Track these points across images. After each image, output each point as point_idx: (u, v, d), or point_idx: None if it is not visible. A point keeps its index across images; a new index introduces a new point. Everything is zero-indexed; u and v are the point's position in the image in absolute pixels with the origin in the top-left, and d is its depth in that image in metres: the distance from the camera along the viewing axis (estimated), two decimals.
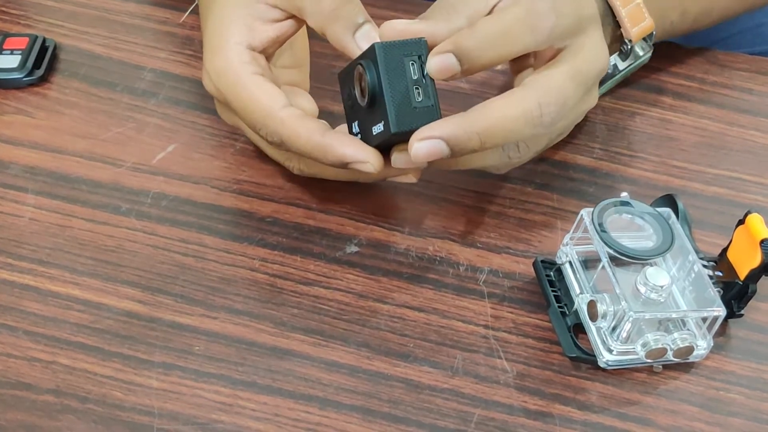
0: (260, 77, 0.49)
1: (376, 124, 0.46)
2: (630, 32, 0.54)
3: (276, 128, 0.47)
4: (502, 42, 0.46)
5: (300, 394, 0.44)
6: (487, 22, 0.46)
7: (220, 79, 0.49)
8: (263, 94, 0.48)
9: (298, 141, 0.47)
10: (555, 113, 0.47)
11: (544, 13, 0.46)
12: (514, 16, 0.46)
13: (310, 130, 0.47)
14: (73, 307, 0.47)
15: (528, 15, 0.46)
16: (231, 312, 0.47)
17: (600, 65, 0.49)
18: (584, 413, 0.44)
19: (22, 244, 0.49)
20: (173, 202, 0.51)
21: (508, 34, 0.46)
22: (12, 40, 0.58)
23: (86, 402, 0.43)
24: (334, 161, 0.47)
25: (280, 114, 0.48)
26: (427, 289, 0.49)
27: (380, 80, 0.45)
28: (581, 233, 0.47)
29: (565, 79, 0.47)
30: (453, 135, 0.45)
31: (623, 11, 0.53)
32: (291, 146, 0.48)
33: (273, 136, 0.48)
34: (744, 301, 0.47)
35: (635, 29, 0.54)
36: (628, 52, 0.55)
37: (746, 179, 0.55)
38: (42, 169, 0.52)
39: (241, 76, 0.48)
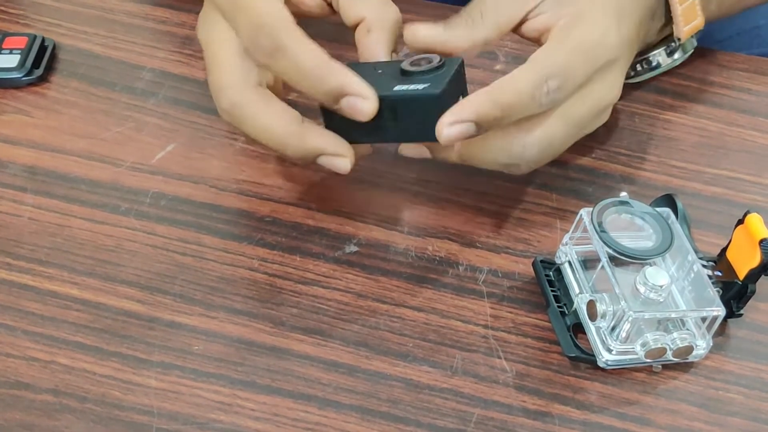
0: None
1: (411, 84, 0.45)
2: (681, 31, 0.54)
3: (279, 33, 0.45)
4: (514, 113, 0.46)
5: (299, 393, 0.44)
6: (505, 93, 0.45)
7: None
8: (279, 4, 0.46)
9: (298, 54, 0.45)
10: (536, 153, 0.48)
11: (554, 89, 0.46)
12: (527, 92, 0.46)
13: (315, 49, 0.45)
14: (72, 307, 0.46)
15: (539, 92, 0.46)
16: (230, 311, 0.47)
17: (605, 102, 0.49)
18: (583, 413, 0.44)
19: (21, 243, 0.49)
20: (172, 201, 0.51)
21: (520, 105, 0.46)
22: (11, 39, 0.58)
23: (85, 402, 0.43)
24: (332, 88, 0.45)
25: (292, 26, 0.45)
26: (427, 288, 0.49)
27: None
28: (580, 233, 0.47)
29: (558, 123, 0.47)
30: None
31: (680, 8, 0.53)
32: (286, 59, 0.45)
33: (271, 41, 0.45)
34: (743, 300, 0.47)
35: (687, 27, 0.54)
36: (675, 48, 0.55)
37: (745, 179, 0.55)
38: (41, 169, 0.52)
39: None
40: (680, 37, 0.54)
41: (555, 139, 0.48)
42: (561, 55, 0.47)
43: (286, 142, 0.46)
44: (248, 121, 0.47)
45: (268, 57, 0.45)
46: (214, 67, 0.48)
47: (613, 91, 0.50)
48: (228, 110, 0.47)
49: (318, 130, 0.47)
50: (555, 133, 0.48)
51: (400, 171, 0.53)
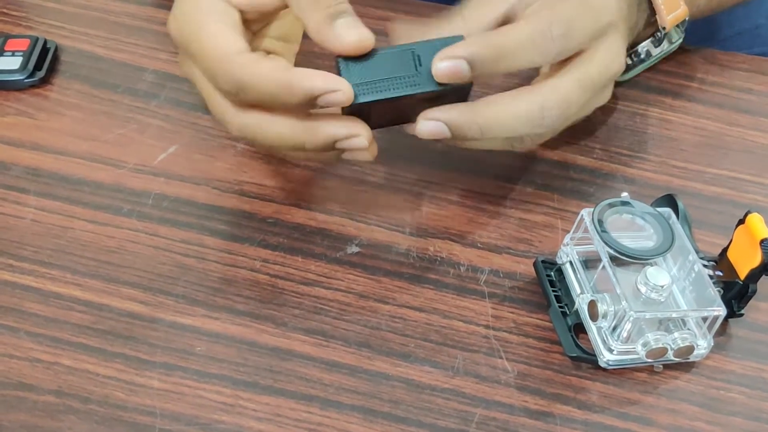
0: (224, 26, 0.46)
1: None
2: (665, 20, 0.54)
3: (233, 71, 0.44)
4: (512, 57, 0.46)
5: (301, 394, 0.44)
6: (502, 35, 0.46)
7: (184, 23, 0.47)
8: (223, 39, 0.45)
9: (258, 81, 0.44)
10: (556, 117, 0.47)
11: (559, 36, 0.46)
12: (527, 35, 0.46)
13: (272, 68, 0.44)
14: (75, 308, 0.47)
15: (542, 38, 0.46)
16: (232, 312, 0.47)
17: (612, 71, 0.49)
18: (585, 413, 0.45)
19: (24, 245, 0.49)
20: (174, 203, 0.51)
21: (520, 50, 0.46)
22: (13, 41, 0.58)
23: (88, 403, 0.43)
24: (302, 97, 0.44)
25: (237, 58, 0.45)
26: (428, 289, 0.49)
27: None
28: (582, 233, 0.47)
29: (573, 85, 0.47)
30: (454, 120, 0.45)
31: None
32: (251, 91, 0.44)
33: (229, 82, 0.44)
34: (744, 300, 0.47)
35: (670, 17, 0.54)
36: (662, 38, 0.55)
37: (746, 179, 0.55)
38: (43, 171, 0.52)
39: (205, 20, 0.46)
40: (665, 26, 0.54)
41: (572, 102, 0.48)
42: (565, 8, 0.46)
43: (299, 143, 0.46)
44: (257, 141, 0.47)
45: (235, 96, 0.46)
46: (208, 98, 0.48)
47: (618, 59, 0.50)
48: (239, 132, 0.47)
49: (326, 119, 0.46)
50: (571, 95, 0.47)
51: (402, 172, 0.54)
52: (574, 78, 0.48)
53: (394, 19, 0.49)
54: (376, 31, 0.62)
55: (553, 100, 0.47)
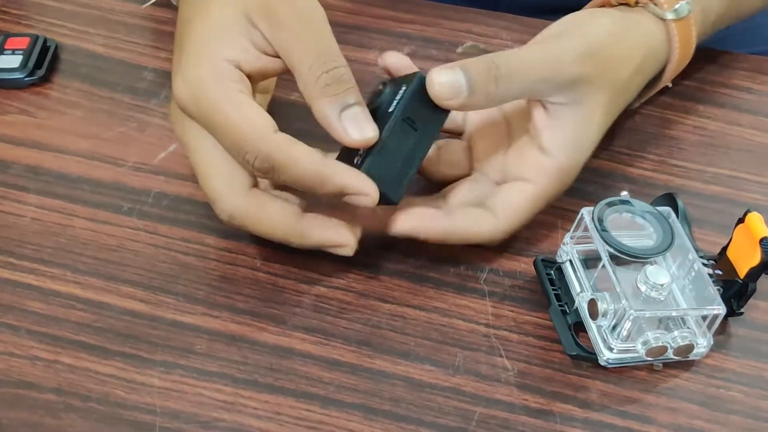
0: (249, 97, 0.45)
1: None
2: (639, 102, 0.55)
3: (270, 151, 0.43)
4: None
5: (301, 392, 0.44)
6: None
7: (202, 91, 0.44)
8: (257, 115, 0.44)
9: (294, 165, 0.44)
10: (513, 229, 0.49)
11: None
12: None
13: (308, 154, 0.44)
14: (75, 307, 0.47)
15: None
16: (232, 311, 0.47)
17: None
18: (585, 411, 0.45)
19: (24, 243, 0.49)
20: (174, 201, 0.52)
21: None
22: (13, 40, 0.58)
23: (88, 401, 0.43)
24: (332, 190, 0.44)
25: (275, 138, 0.44)
26: (428, 287, 0.49)
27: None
28: (581, 232, 0.47)
29: (528, 208, 0.49)
30: (422, 230, 0.47)
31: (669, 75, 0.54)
32: (283, 173, 0.44)
33: (263, 161, 0.44)
34: (744, 299, 0.47)
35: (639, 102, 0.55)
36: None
37: (745, 178, 0.55)
38: (44, 169, 0.52)
39: (230, 92, 0.44)
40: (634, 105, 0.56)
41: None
42: (524, 216, 0.49)
43: (288, 240, 0.46)
44: (249, 227, 0.46)
45: (263, 174, 0.45)
46: (203, 176, 0.46)
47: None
48: (227, 220, 0.46)
49: (318, 224, 0.46)
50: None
51: None
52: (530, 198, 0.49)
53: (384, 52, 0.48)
54: (375, 31, 0.62)
55: (509, 223, 0.49)
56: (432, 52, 0.60)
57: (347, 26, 0.62)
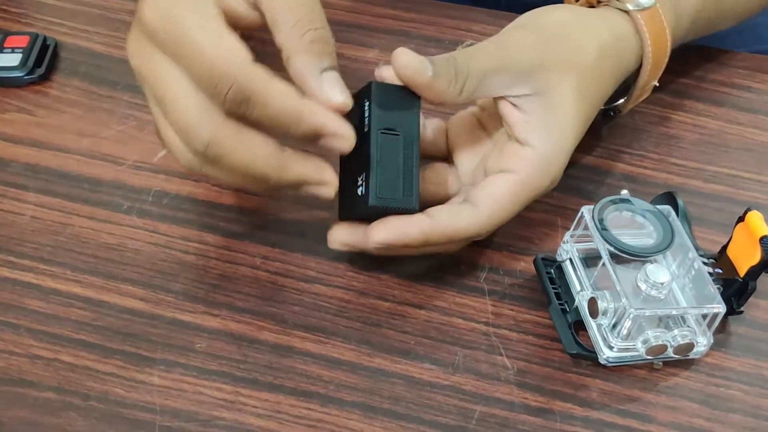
0: (226, 24, 0.42)
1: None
2: (627, 107, 0.55)
3: (246, 82, 0.40)
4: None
5: (301, 391, 0.44)
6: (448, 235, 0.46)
7: (175, 14, 0.41)
8: (234, 43, 0.41)
9: (269, 100, 0.41)
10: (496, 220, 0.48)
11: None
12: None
13: (285, 90, 0.41)
14: (75, 305, 0.47)
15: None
16: (232, 309, 0.47)
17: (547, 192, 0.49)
18: (585, 410, 0.45)
19: (24, 242, 0.49)
20: (174, 200, 0.51)
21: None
22: (13, 38, 0.58)
23: (88, 399, 0.43)
24: (307, 130, 0.42)
25: (252, 70, 0.41)
26: (428, 286, 0.49)
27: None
28: (582, 231, 0.47)
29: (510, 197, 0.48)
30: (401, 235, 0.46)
31: (636, 91, 0.53)
32: (257, 106, 0.41)
33: (238, 93, 0.41)
34: (744, 298, 0.47)
35: (631, 104, 0.55)
36: (610, 116, 0.55)
37: (745, 177, 0.55)
38: (43, 167, 0.52)
39: (206, 16, 0.41)
40: (623, 110, 0.55)
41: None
42: (507, 209, 0.47)
43: (267, 175, 0.43)
44: (225, 160, 0.42)
45: (235, 107, 0.41)
46: (173, 103, 0.42)
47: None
48: (202, 150, 0.42)
49: (300, 158, 0.44)
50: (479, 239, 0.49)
51: None
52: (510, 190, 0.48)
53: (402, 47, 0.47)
54: (375, 29, 0.62)
55: (459, 246, 0.48)
56: (432, 50, 0.60)
57: (347, 24, 0.62)
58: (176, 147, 0.44)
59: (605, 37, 0.50)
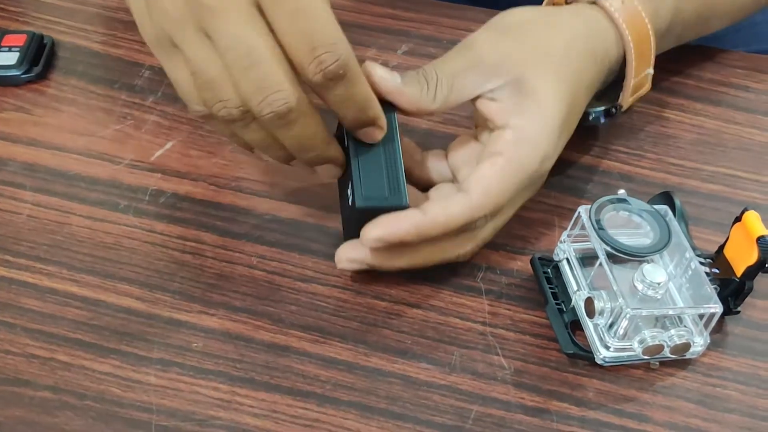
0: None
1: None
2: (627, 100, 0.54)
3: (348, 58, 0.41)
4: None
5: (298, 390, 0.44)
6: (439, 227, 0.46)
7: None
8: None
9: (360, 79, 0.43)
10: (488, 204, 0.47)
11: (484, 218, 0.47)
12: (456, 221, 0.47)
13: (365, 75, 0.44)
14: (72, 304, 0.47)
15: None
16: (229, 309, 0.47)
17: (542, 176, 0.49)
18: (581, 409, 0.45)
19: (20, 240, 0.49)
20: (171, 199, 0.51)
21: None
22: (10, 37, 0.58)
23: (84, 398, 0.43)
24: (365, 118, 0.44)
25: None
26: (425, 286, 0.49)
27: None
28: (579, 230, 0.47)
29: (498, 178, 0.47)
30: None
31: (633, 81, 0.53)
32: (347, 84, 0.42)
33: (340, 66, 0.41)
34: (740, 298, 0.47)
35: (632, 97, 0.54)
36: (615, 114, 0.54)
37: (743, 176, 0.55)
38: (40, 166, 0.52)
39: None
40: (623, 105, 0.54)
41: (488, 240, 0.49)
42: (498, 192, 0.47)
43: (315, 147, 0.45)
44: (296, 127, 0.43)
45: (322, 80, 0.42)
46: (263, 65, 0.41)
47: (540, 185, 0.50)
48: (285, 111, 0.42)
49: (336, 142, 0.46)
50: (488, 238, 0.49)
51: None
52: (493, 227, 0.48)
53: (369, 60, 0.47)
54: (374, 29, 0.62)
55: (469, 247, 0.48)
56: (431, 50, 0.60)
57: (346, 24, 0.61)
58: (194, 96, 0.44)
59: (573, 24, 0.51)
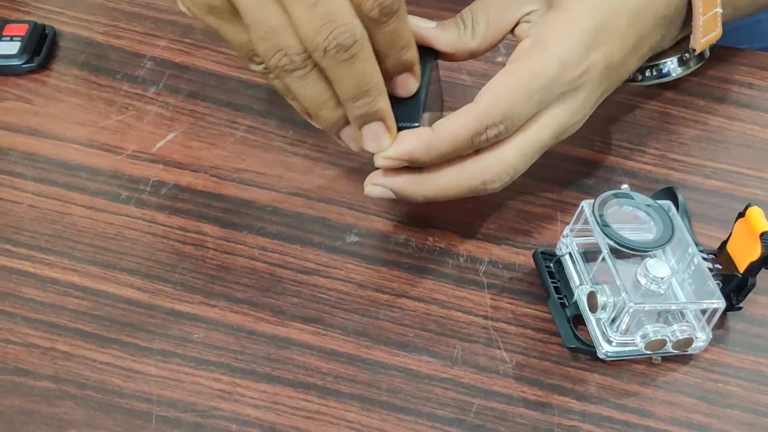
0: None
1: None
2: (698, 42, 0.52)
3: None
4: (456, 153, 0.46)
5: (299, 382, 0.44)
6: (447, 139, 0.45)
7: None
8: None
9: (406, 17, 0.43)
10: (500, 185, 0.47)
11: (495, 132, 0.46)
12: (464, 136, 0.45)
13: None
14: (72, 294, 0.46)
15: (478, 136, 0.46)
16: (230, 300, 0.47)
17: (568, 133, 0.48)
18: (583, 404, 0.45)
19: (21, 230, 0.49)
20: (173, 190, 0.51)
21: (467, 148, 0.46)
22: (11, 26, 0.57)
23: (85, 388, 0.43)
24: (406, 60, 0.44)
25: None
26: (427, 279, 0.49)
27: None
28: (581, 225, 0.47)
29: (518, 157, 0.47)
30: (400, 189, 0.47)
31: (701, 19, 0.51)
32: (398, 20, 0.42)
33: (395, 1, 0.42)
34: (743, 293, 0.47)
35: (704, 39, 0.52)
36: (689, 60, 0.53)
37: (745, 173, 0.55)
38: (41, 156, 0.52)
39: None
40: (696, 48, 0.53)
41: (518, 170, 0.47)
42: (507, 99, 0.45)
43: (372, 92, 0.43)
44: (358, 62, 0.42)
45: (383, 11, 0.42)
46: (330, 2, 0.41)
47: (577, 116, 0.48)
48: (349, 42, 0.41)
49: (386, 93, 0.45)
50: (517, 165, 0.47)
51: None
52: (520, 150, 0.47)
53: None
54: None
55: (495, 172, 0.46)
56: None
57: None
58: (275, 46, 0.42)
59: None
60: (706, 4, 0.51)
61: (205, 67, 0.57)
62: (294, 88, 0.44)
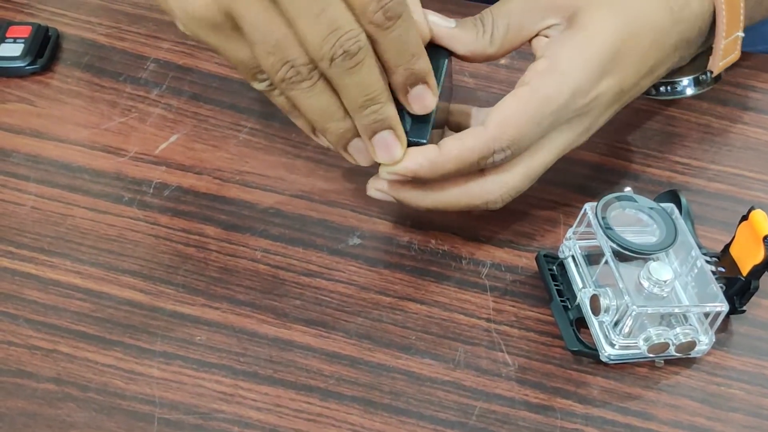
0: None
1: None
2: (717, 65, 0.52)
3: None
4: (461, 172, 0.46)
5: (301, 385, 0.44)
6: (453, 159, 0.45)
7: None
8: None
9: (412, 25, 0.42)
10: (501, 204, 0.48)
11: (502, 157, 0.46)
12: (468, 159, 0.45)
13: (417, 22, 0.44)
14: (75, 296, 0.46)
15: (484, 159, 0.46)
16: (233, 302, 0.47)
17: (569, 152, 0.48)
18: (586, 407, 0.44)
19: (24, 232, 0.49)
20: (175, 192, 0.51)
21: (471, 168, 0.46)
22: (15, 28, 0.58)
23: (87, 390, 0.43)
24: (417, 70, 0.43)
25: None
26: (429, 281, 0.49)
27: None
28: (584, 228, 0.47)
29: (521, 179, 0.47)
30: (404, 198, 0.47)
31: (723, 43, 0.51)
32: (401, 27, 0.42)
33: (398, 5, 0.41)
34: (746, 297, 0.47)
35: (723, 62, 0.52)
36: (705, 81, 0.53)
37: (749, 176, 0.55)
38: (44, 158, 0.52)
39: None
40: (713, 70, 0.53)
41: (521, 190, 0.48)
42: (516, 125, 0.45)
43: (378, 100, 0.43)
44: (363, 68, 0.42)
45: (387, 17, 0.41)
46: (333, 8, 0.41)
47: (583, 137, 0.49)
48: (354, 50, 0.41)
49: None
50: (519, 186, 0.48)
51: None
52: (524, 173, 0.47)
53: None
54: None
55: (498, 194, 0.47)
56: None
57: None
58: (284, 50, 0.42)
59: None
60: (730, 27, 0.51)
61: (208, 69, 0.57)
62: (300, 101, 0.44)
